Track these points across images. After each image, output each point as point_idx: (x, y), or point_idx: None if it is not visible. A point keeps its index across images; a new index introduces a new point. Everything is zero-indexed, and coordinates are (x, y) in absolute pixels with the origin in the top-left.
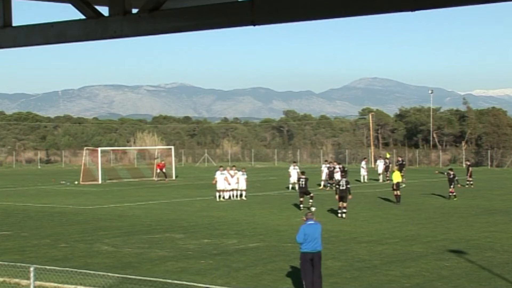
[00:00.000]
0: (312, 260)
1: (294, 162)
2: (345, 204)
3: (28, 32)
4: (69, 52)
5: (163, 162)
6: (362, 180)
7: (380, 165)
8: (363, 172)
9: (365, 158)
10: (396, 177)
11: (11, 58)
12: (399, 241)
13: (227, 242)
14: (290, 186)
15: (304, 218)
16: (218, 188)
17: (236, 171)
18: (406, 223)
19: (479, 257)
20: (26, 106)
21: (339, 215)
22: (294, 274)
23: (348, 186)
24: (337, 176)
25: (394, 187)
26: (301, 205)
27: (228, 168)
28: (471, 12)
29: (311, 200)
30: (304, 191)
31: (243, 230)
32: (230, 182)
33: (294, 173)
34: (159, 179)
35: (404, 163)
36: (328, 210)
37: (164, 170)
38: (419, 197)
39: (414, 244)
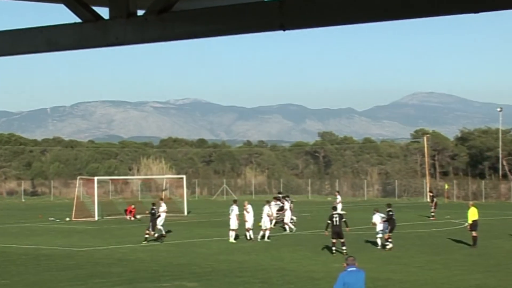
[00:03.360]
0: None
1: (276, 198)
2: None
3: (13, 38)
4: (61, 62)
5: (133, 206)
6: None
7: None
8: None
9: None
10: (473, 214)
11: None
12: None
13: None
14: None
15: (345, 264)
16: (231, 227)
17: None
18: (469, 270)
19: None
20: (8, 126)
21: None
22: None
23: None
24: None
25: (470, 227)
26: (334, 248)
27: (246, 203)
28: None
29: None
30: (337, 231)
31: (270, 277)
32: (248, 219)
33: (272, 209)
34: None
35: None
36: (375, 255)
37: (138, 217)
38: (485, 239)
39: None
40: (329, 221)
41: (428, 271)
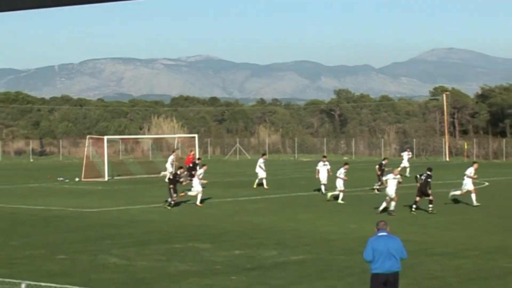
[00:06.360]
0: (385, 284)
1: (264, 154)
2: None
3: None
4: (69, 18)
5: (192, 153)
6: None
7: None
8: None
9: (408, 149)
10: None
11: None
12: (481, 253)
13: (265, 254)
14: (257, 182)
15: (375, 229)
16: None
17: None
18: (489, 231)
19: None
20: (15, 84)
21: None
22: None
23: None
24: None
25: None
26: (414, 206)
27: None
28: None
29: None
30: (422, 190)
31: (285, 239)
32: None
33: (260, 169)
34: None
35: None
36: (393, 216)
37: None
38: (506, 199)
39: (499, 258)
40: (417, 176)
41: (447, 232)
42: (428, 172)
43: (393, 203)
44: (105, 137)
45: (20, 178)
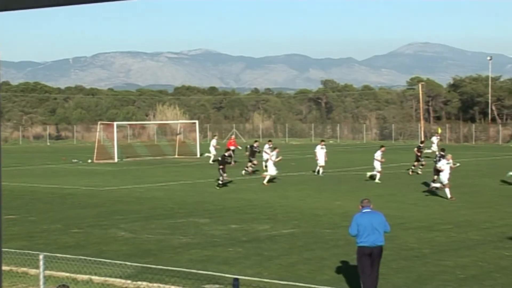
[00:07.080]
0: (370, 255)
1: (270, 141)
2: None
3: None
4: (81, 15)
5: (233, 138)
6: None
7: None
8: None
9: (436, 134)
10: None
11: (16, 21)
12: (452, 227)
13: (258, 228)
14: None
15: (360, 206)
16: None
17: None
18: (460, 207)
19: None
20: (34, 75)
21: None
22: (333, 264)
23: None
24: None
25: None
26: (432, 185)
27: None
28: None
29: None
30: (437, 169)
31: (276, 214)
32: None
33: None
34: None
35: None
36: (372, 193)
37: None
38: (475, 178)
39: (469, 231)
40: (434, 160)
41: (422, 208)
42: (442, 153)
43: (447, 190)
44: (115, 123)
45: (38, 160)
